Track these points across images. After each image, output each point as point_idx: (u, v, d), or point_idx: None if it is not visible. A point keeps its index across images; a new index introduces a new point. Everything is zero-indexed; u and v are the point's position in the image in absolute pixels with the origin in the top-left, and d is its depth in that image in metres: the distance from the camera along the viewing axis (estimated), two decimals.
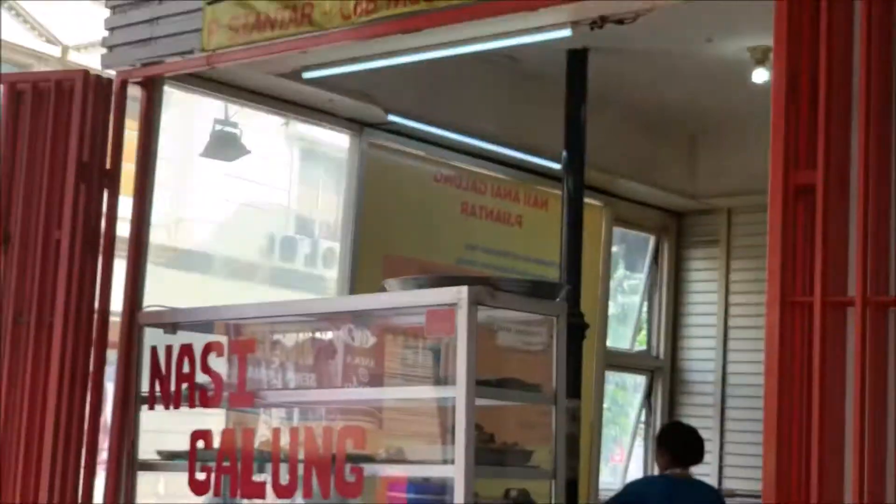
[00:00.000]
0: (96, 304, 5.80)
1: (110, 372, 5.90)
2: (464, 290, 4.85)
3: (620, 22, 5.63)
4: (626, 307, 10.28)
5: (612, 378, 10.05)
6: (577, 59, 7.40)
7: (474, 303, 4.85)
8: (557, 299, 5.36)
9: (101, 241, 5.81)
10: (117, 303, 5.97)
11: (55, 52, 15.47)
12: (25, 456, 5.50)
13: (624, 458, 10.14)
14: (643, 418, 10.06)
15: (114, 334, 5.88)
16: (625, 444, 10.21)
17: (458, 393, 4.81)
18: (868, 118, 3.95)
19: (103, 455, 5.86)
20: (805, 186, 4.03)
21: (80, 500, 5.53)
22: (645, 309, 10.11)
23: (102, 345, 5.75)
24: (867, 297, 3.87)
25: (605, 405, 9.64)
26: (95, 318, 5.78)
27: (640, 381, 10.07)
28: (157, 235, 6.29)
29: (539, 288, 5.38)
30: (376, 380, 5.51)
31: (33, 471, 5.48)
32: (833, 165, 4.00)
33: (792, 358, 3.98)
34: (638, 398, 10.08)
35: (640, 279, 10.16)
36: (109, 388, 5.95)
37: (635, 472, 10.07)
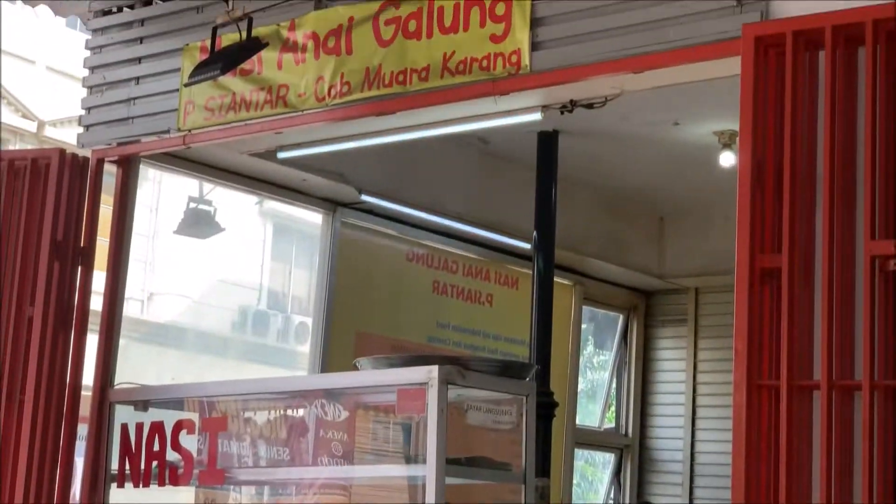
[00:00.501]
0: (68, 380, 5.79)
1: (80, 447, 5.88)
2: (434, 369, 4.90)
3: (590, 106, 5.72)
4: (595, 383, 10.33)
5: (582, 454, 10.07)
6: (547, 141, 7.51)
7: (444, 382, 4.89)
8: (527, 379, 5.40)
9: (74, 316, 5.82)
10: (89, 377, 5.96)
11: (31, 127, 15.54)
12: None
13: None
14: (612, 496, 10.06)
15: (85, 409, 5.88)
16: None
17: (428, 471, 4.84)
18: (832, 202, 4.03)
19: None
20: (771, 270, 4.10)
21: None
22: (614, 386, 10.15)
23: (73, 420, 5.75)
24: (833, 381, 3.93)
25: (574, 482, 9.65)
26: (66, 394, 5.77)
27: (609, 457, 10.09)
28: (131, 309, 6.31)
29: (509, 368, 5.43)
30: (348, 456, 5.51)
31: None
32: (798, 249, 4.07)
33: (759, 440, 4.03)
34: (607, 474, 10.09)
35: (609, 356, 10.22)
36: (79, 463, 5.93)
37: None
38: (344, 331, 7.72)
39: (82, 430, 5.89)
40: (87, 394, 5.94)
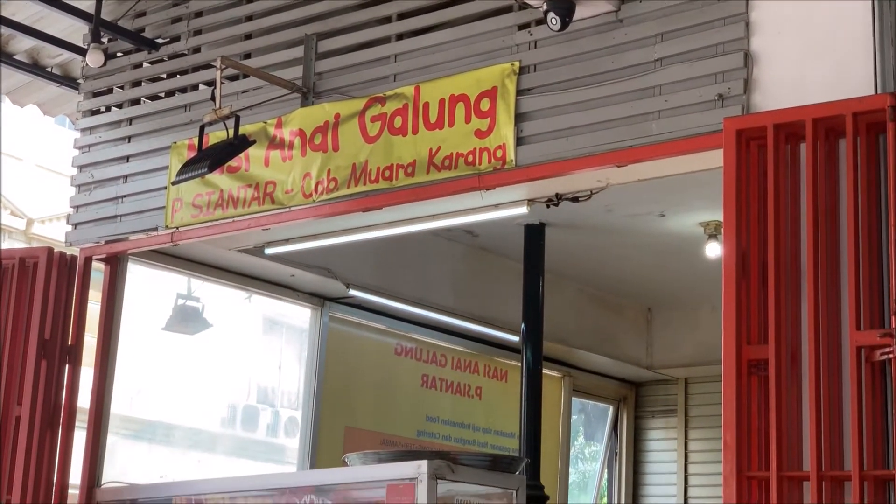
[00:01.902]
0: (55, 479, 5.75)
1: None
2: (424, 464, 4.88)
3: (575, 199, 5.76)
4: (586, 475, 10.27)
5: None
6: (534, 233, 7.54)
7: (434, 477, 4.87)
8: (517, 472, 5.38)
9: (61, 414, 5.79)
10: (76, 475, 5.92)
11: (20, 224, 15.58)
12: None
13: None
14: None
15: None
16: None
17: None
18: (817, 292, 4.06)
19: None
20: (757, 361, 4.11)
21: None
22: (605, 477, 10.10)
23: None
24: (822, 472, 3.93)
25: None
26: (53, 493, 5.72)
27: None
28: (118, 406, 6.28)
29: (498, 462, 5.40)
30: None
31: None
32: (784, 339, 4.09)
33: None
34: None
35: (599, 447, 10.17)
36: None
37: None
38: (333, 426, 7.69)
39: None
40: (74, 492, 5.89)
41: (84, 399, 6.01)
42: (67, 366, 5.84)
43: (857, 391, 3.91)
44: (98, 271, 6.20)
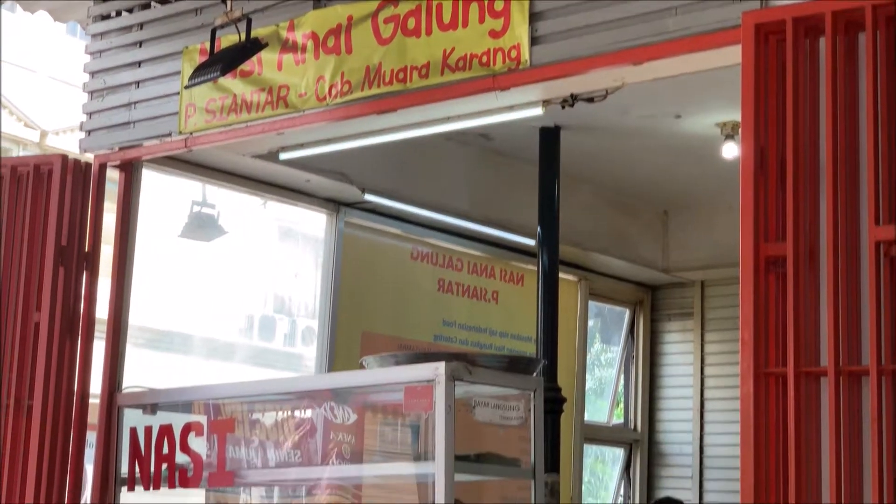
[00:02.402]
0: (75, 386, 5.79)
1: (90, 454, 5.88)
2: (441, 366, 4.89)
3: (591, 100, 5.73)
4: (603, 381, 10.32)
5: (591, 450, 10.06)
6: (549, 136, 7.51)
7: (451, 379, 4.89)
8: (534, 374, 5.40)
9: (80, 322, 5.81)
10: (96, 385, 5.96)
11: (34, 136, 15.57)
12: None
13: None
14: (622, 491, 10.05)
15: (93, 416, 5.87)
16: None
17: (437, 468, 4.83)
18: (835, 188, 4.02)
19: None
20: (775, 258, 4.09)
21: None
22: (622, 382, 10.15)
23: (82, 427, 5.74)
24: (840, 367, 3.92)
25: (584, 479, 9.64)
26: (74, 400, 5.76)
27: (618, 453, 10.09)
28: (136, 316, 6.30)
29: (516, 363, 5.43)
30: (356, 456, 5.52)
31: None
32: (802, 236, 4.06)
33: (767, 429, 4.02)
34: (617, 470, 10.08)
35: (616, 352, 10.21)
36: (89, 469, 5.93)
37: None
38: (349, 331, 7.73)
39: (91, 437, 5.89)
40: (94, 402, 5.93)
41: (102, 310, 6.02)
42: (85, 272, 5.85)
43: (875, 286, 3.90)
44: (112, 182, 6.18)
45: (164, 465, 5.67)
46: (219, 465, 5.59)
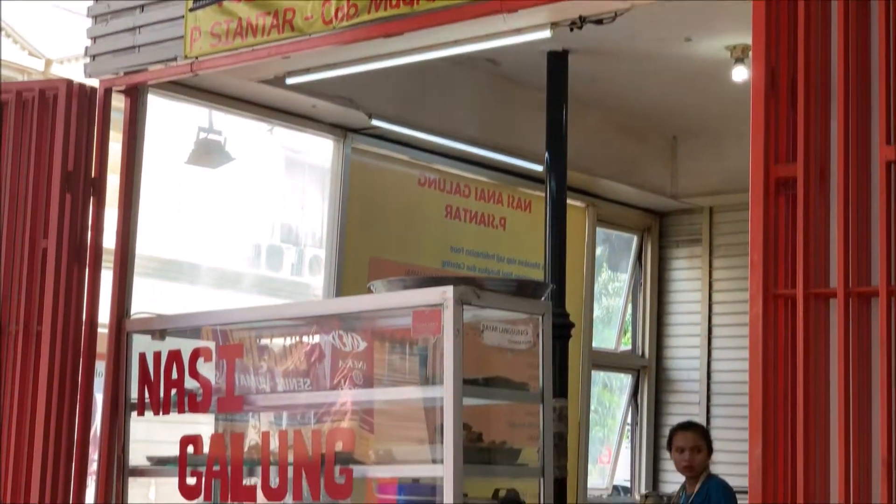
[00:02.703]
0: (84, 313, 5.79)
1: (98, 383, 5.89)
2: (449, 290, 4.89)
3: (599, 22, 5.66)
4: (610, 310, 10.32)
5: (599, 379, 10.10)
6: (557, 61, 7.44)
7: (460, 302, 4.88)
8: (542, 298, 5.40)
9: (88, 250, 5.80)
10: (104, 315, 5.95)
11: (38, 65, 15.47)
12: (15, 464, 5.50)
13: (611, 459, 10.17)
14: (630, 420, 10.10)
15: (102, 346, 5.88)
16: (612, 444, 10.24)
17: (445, 392, 4.84)
18: (846, 109, 3.99)
19: (94, 467, 5.85)
20: (786, 179, 4.06)
21: None
22: (629, 311, 10.16)
23: (91, 353, 5.75)
24: (849, 288, 3.91)
25: (591, 407, 9.67)
26: (83, 327, 5.77)
27: (626, 382, 10.12)
28: (142, 246, 6.28)
29: (524, 287, 5.41)
30: (365, 382, 5.53)
31: (23, 478, 5.47)
32: (813, 158, 4.03)
33: (776, 350, 4.01)
34: (624, 399, 10.11)
35: (623, 282, 10.21)
36: (98, 399, 5.95)
37: (622, 473, 10.10)
38: (357, 258, 7.72)
39: (100, 367, 5.90)
40: (103, 331, 5.93)
41: (109, 241, 6.00)
42: (92, 199, 5.83)
43: (885, 206, 3.87)
44: (118, 112, 6.14)
45: (174, 391, 5.69)
46: (227, 391, 5.61)
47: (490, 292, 5.10)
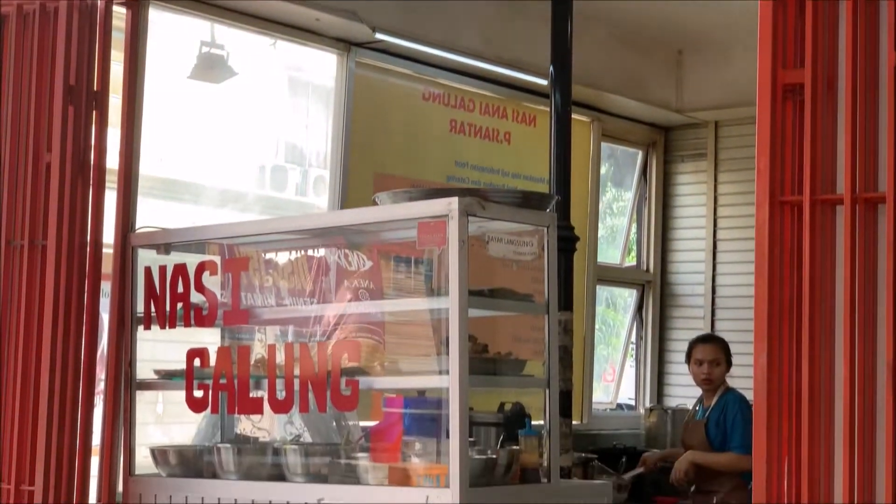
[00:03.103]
0: (88, 228, 5.76)
1: (105, 304, 5.89)
2: (454, 201, 4.88)
3: None
4: (615, 229, 10.31)
5: (603, 298, 10.10)
6: None
7: (465, 214, 4.88)
8: (547, 210, 5.39)
9: (91, 168, 5.75)
10: (109, 235, 5.92)
11: None
12: (23, 379, 5.51)
13: (615, 377, 10.22)
14: (633, 339, 10.13)
15: (107, 267, 5.86)
16: (616, 363, 10.28)
17: (451, 302, 4.85)
18: (855, 13, 3.95)
19: (101, 387, 5.87)
20: (793, 86, 4.03)
21: (79, 422, 5.55)
22: (634, 229, 10.15)
23: (97, 268, 5.73)
24: (856, 195, 3.89)
25: (596, 326, 9.70)
26: (88, 243, 5.74)
27: (630, 301, 10.14)
28: (145, 166, 6.26)
29: (529, 199, 5.40)
30: (370, 295, 5.54)
31: (31, 394, 5.49)
32: (821, 63, 4.00)
33: (782, 257, 4.01)
34: (628, 317, 10.14)
35: (628, 200, 10.19)
36: (105, 318, 5.94)
37: (627, 392, 10.15)
38: (361, 173, 7.71)
39: (105, 287, 5.89)
40: (108, 251, 5.92)
41: (113, 161, 5.95)
42: (94, 112, 5.78)
43: (892, 111, 3.84)
44: (119, 31, 6.08)
45: (180, 305, 5.70)
46: (233, 304, 5.63)
47: (495, 204, 5.09)
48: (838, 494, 3.82)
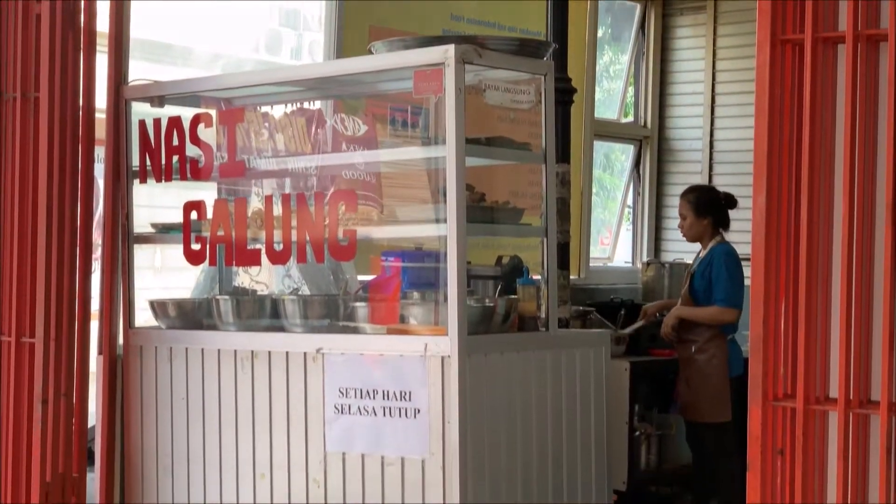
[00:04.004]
0: (81, 81, 5.68)
1: (99, 169, 5.84)
2: (451, 48, 4.83)
3: None
4: (612, 92, 10.22)
5: (599, 162, 10.05)
6: None
7: (461, 61, 4.83)
8: (544, 58, 5.33)
9: (82, 27, 5.65)
10: (101, 99, 5.83)
11: None
12: (20, 231, 5.49)
13: (612, 238, 10.22)
14: (630, 202, 10.11)
15: (101, 132, 5.79)
16: (612, 226, 10.28)
17: (447, 150, 4.82)
18: None
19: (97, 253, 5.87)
20: None
21: (77, 277, 5.55)
22: (631, 93, 10.07)
23: (90, 122, 5.67)
24: (858, 31, 3.84)
25: (593, 190, 9.68)
26: (81, 97, 5.67)
27: (627, 165, 10.10)
28: (136, 30, 6.13)
29: (526, 46, 5.34)
30: (367, 144, 5.50)
31: (29, 246, 5.48)
32: None
33: (782, 97, 3.96)
34: (625, 177, 10.11)
35: (625, 63, 10.09)
36: (100, 183, 5.91)
37: (623, 255, 10.17)
38: (357, 26, 7.62)
39: (99, 151, 5.84)
40: (101, 116, 5.84)
41: (103, 24, 5.84)
42: None
43: None
44: None
45: (175, 157, 5.67)
46: (229, 156, 5.60)
47: (492, 51, 5.04)
48: (835, 331, 3.83)
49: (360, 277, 6.12)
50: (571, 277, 7.45)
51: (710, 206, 7.09)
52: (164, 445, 5.60)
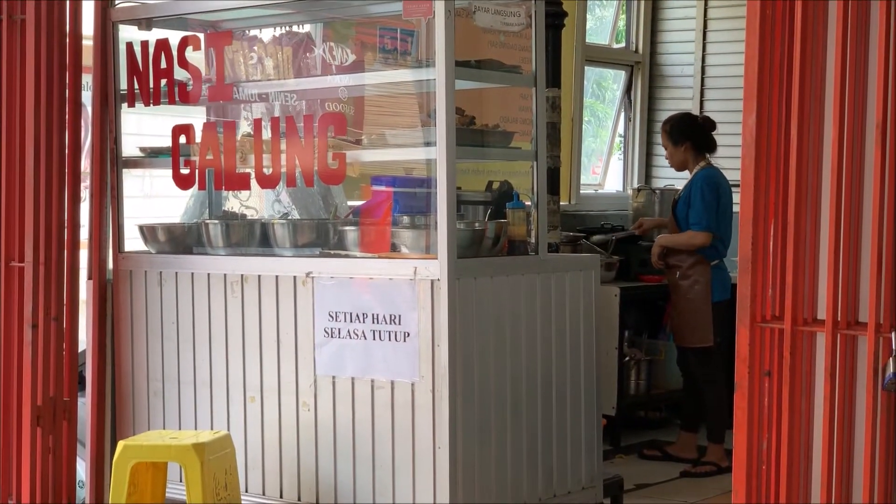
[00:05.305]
0: (67, 7, 5.60)
1: (87, 97, 5.79)
2: None
3: None
4: (603, 21, 10.13)
5: (590, 90, 10.00)
6: None
7: None
8: None
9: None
10: (88, 26, 5.76)
11: None
12: (7, 154, 5.45)
13: (602, 166, 10.19)
14: (621, 131, 10.08)
15: (87, 59, 5.72)
16: (603, 155, 10.24)
17: (437, 73, 4.79)
18: None
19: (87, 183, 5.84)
20: None
21: (66, 202, 5.51)
22: (622, 21, 10.00)
23: (77, 46, 5.61)
24: None
25: (585, 119, 9.64)
26: (67, 18, 5.60)
27: (617, 95, 10.05)
28: None
29: None
30: (355, 67, 5.47)
31: (17, 169, 5.44)
32: None
33: (773, 17, 3.92)
34: (616, 104, 10.07)
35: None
36: (88, 109, 5.86)
37: (614, 184, 10.15)
38: None
39: (87, 78, 5.77)
40: (87, 43, 5.77)
41: None
42: None
43: None
44: None
45: (163, 81, 5.63)
46: (218, 79, 5.56)
47: None
48: (823, 253, 3.83)
49: (350, 203, 6.12)
50: (562, 204, 7.45)
51: (685, 132, 7.12)
52: (155, 369, 5.61)
